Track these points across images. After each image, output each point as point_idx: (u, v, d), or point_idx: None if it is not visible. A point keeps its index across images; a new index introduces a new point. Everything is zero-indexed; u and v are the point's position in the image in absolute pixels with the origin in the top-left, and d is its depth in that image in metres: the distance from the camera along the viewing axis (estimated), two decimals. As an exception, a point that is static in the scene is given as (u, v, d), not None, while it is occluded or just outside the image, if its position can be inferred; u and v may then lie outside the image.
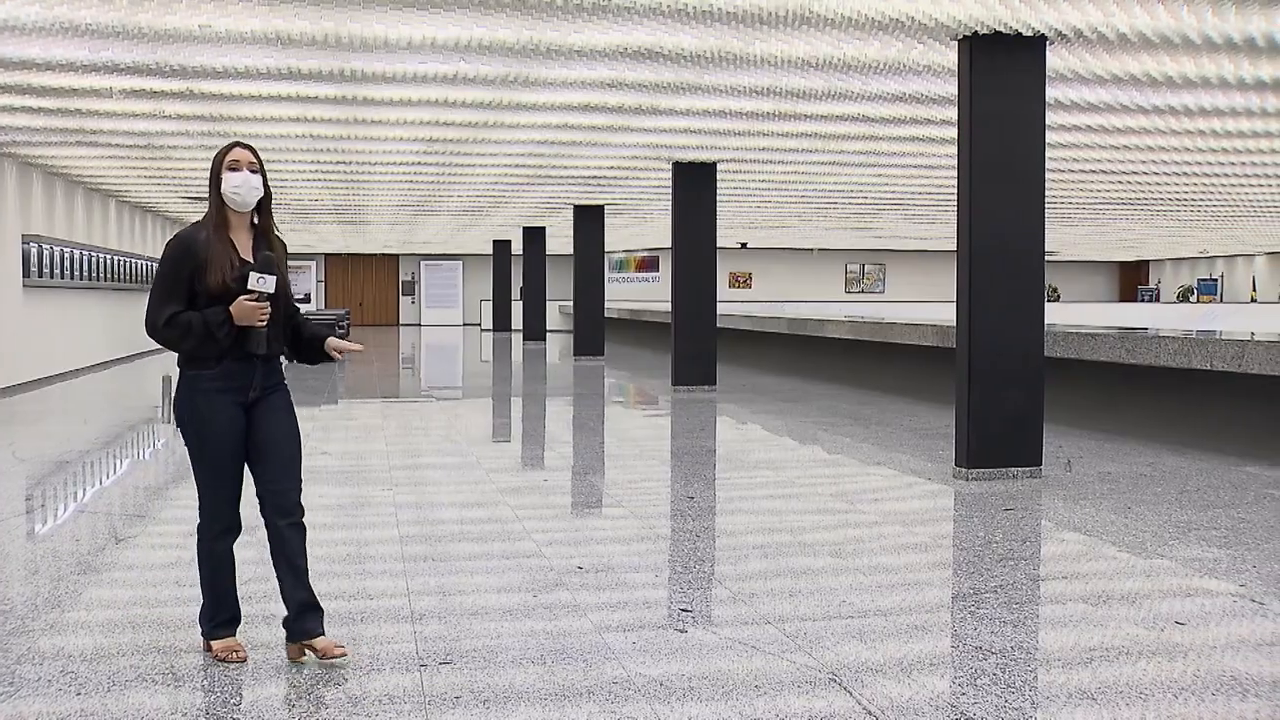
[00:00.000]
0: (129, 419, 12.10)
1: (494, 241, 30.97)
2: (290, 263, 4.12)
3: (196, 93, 9.86)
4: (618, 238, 28.56)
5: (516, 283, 31.47)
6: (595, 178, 16.59)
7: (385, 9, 7.09)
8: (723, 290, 20.91)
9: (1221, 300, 36.47)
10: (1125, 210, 22.24)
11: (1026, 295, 7.88)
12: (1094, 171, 15.81)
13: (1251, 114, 11.14)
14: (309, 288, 38.45)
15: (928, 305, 28.24)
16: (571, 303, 22.60)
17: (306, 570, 3.90)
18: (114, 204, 20.22)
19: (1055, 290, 37.60)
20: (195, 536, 3.96)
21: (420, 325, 39.45)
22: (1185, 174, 16.17)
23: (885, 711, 3.46)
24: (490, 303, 33.18)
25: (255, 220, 3.93)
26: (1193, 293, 38.49)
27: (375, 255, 39.13)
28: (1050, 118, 8.95)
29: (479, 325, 37.13)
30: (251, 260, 3.83)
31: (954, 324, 8.38)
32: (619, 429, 11.41)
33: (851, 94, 9.92)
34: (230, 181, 3.81)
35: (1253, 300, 35.34)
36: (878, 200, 20.33)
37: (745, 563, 5.51)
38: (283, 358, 4.03)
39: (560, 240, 27.31)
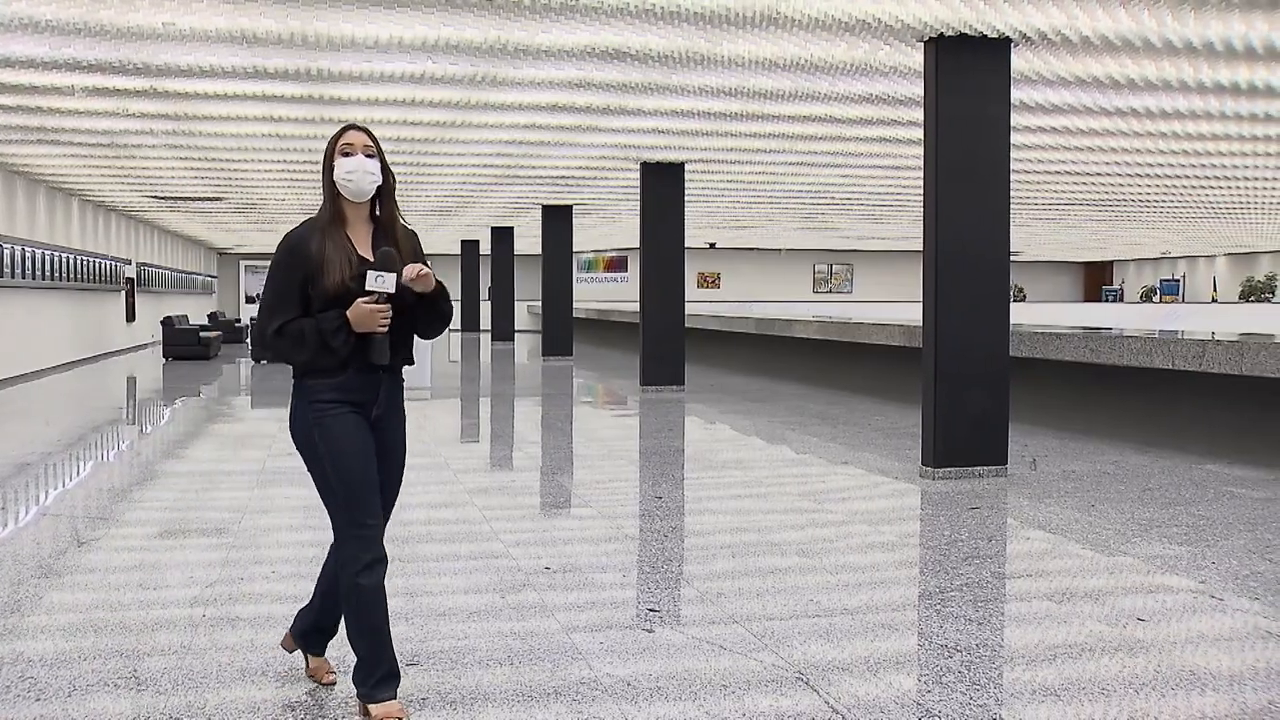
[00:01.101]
0: (92, 420, 11.97)
1: (462, 241, 30.88)
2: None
3: (160, 91, 9.77)
4: (586, 238, 28.53)
5: (485, 283, 31.38)
6: (563, 178, 16.57)
7: (352, 8, 7.05)
8: (691, 290, 20.95)
9: (1183, 300, 36.92)
10: (1089, 211, 22.47)
11: (991, 296, 7.95)
12: (1058, 172, 15.97)
13: (1211, 117, 11.29)
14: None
15: (896, 305, 28.41)
16: (540, 303, 22.57)
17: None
18: (76, 203, 19.99)
19: (1021, 290, 37.93)
20: (326, 576, 3.58)
21: (388, 325, 39.17)
22: (1147, 175, 16.36)
23: (852, 710, 3.48)
24: (458, 303, 33.06)
25: (377, 212, 3.50)
26: (1155, 293, 38.94)
27: (342, 255, 38.88)
28: (1015, 119, 9.03)
29: (447, 325, 36.94)
30: (371, 257, 3.37)
31: (921, 324, 8.44)
32: (587, 429, 11.41)
33: (818, 95, 9.97)
34: (343, 168, 3.40)
35: (1214, 300, 35.81)
36: (845, 200, 20.43)
37: (713, 562, 5.52)
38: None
39: (528, 240, 27.27)
